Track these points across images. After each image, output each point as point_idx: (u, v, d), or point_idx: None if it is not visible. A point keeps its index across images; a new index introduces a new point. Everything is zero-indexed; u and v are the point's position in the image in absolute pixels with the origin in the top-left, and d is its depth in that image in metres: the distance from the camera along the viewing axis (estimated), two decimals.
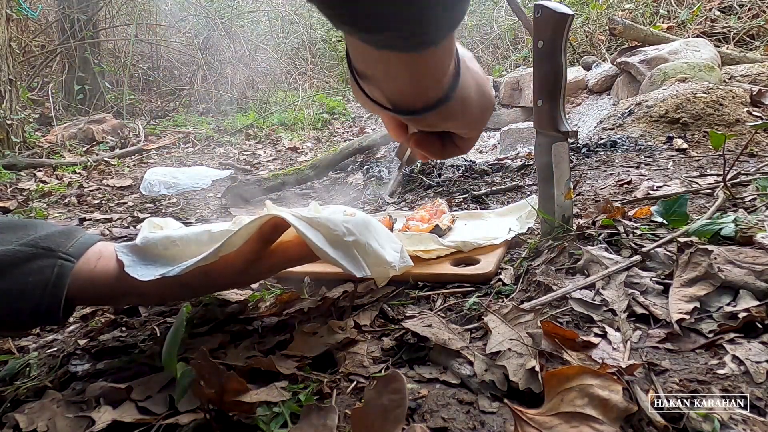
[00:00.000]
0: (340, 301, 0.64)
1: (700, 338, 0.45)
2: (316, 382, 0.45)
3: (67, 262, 0.52)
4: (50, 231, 0.53)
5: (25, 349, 0.64)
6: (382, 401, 0.37)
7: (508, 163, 1.53)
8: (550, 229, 0.72)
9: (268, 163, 2.80)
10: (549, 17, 0.63)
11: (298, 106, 4.43)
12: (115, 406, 0.45)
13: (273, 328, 0.59)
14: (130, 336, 0.64)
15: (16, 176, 2.49)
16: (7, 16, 3.09)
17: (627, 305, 0.51)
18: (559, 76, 0.65)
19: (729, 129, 1.43)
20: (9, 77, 2.95)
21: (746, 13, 3.14)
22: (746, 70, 2.01)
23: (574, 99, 2.67)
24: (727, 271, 0.51)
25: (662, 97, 1.60)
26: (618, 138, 1.51)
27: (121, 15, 5.12)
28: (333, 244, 0.54)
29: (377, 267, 0.59)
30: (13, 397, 0.50)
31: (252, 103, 5.00)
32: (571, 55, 3.31)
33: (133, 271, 0.52)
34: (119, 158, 2.96)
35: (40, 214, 1.74)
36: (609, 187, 1.06)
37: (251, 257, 0.56)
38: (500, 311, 0.51)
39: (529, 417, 0.37)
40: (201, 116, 4.69)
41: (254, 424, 0.40)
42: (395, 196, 0.63)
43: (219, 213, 1.67)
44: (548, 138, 0.68)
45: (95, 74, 4.35)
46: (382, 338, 0.53)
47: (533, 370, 0.42)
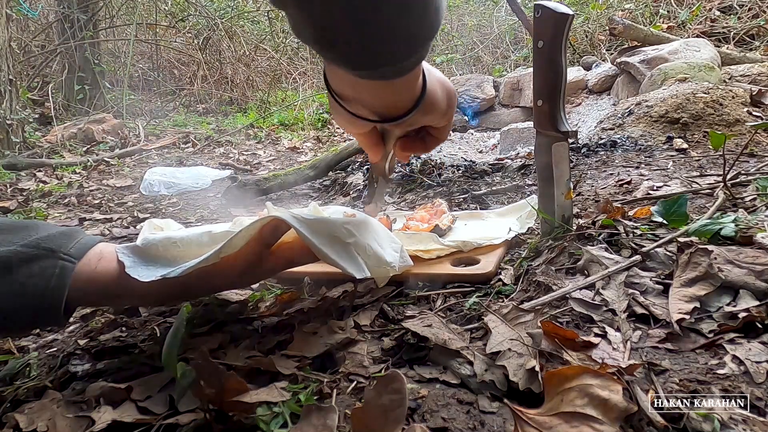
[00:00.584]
0: (340, 301, 0.64)
1: (700, 338, 0.45)
2: (316, 382, 0.45)
3: (68, 263, 0.52)
4: (51, 232, 0.54)
5: (25, 349, 0.64)
6: (382, 401, 0.37)
7: (508, 163, 1.53)
8: (550, 229, 0.72)
9: (268, 163, 2.80)
10: (549, 17, 0.63)
11: (298, 106, 4.43)
12: (115, 406, 0.45)
13: (273, 328, 0.59)
14: (130, 336, 0.64)
15: (16, 176, 2.49)
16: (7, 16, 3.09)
17: (627, 305, 0.51)
18: (559, 76, 0.65)
19: (729, 129, 1.43)
20: (9, 77, 2.95)
21: (746, 13, 3.14)
22: (746, 70, 2.01)
23: (574, 99, 2.67)
24: (727, 271, 0.51)
25: (662, 97, 1.60)
26: (618, 138, 1.51)
27: (121, 15, 5.12)
28: (333, 245, 0.54)
29: (377, 268, 0.59)
30: (13, 397, 0.50)
31: (252, 103, 5.00)
32: (571, 55, 3.31)
33: (134, 272, 0.52)
34: (119, 158, 2.96)
35: (40, 214, 1.74)
36: (609, 187, 1.06)
37: (252, 259, 0.56)
38: (500, 311, 0.51)
39: (529, 417, 0.37)
40: (201, 116, 4.68)
41: (254, 424, 0.40)
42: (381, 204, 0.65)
43: (219, 213, 1.67)
44: (548, 138, 0.68)
45: (95, 74, 4.35)
46: (382, 338, 0.53)
47: (533, 370, 0.42)
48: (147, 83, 5.20)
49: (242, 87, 5.22)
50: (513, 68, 3.95)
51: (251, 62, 5.47)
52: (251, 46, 5.54)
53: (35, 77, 4.49)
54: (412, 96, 0.49)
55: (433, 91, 0.51)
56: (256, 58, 5.62)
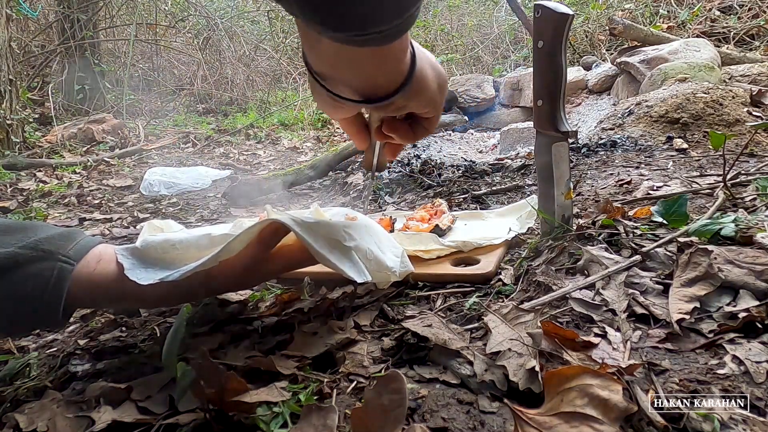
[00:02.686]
0: (340, 301, 0.64)
1: (700, 338, 0.45)
2: (316, 382, 0.45)
3: (67, 265, 0.51)
4: (50, 233, 0.53)
5: (25, 349, 0.64)
6: (382, 401, 0.37)
7: (508, 163, 1.53)
8: (550, 229, 0.72)
9: (268, 163, 2.80)
10: (549, 17, 0.63)
11: (298, 106, 4.43)
12: (115, 406, 0.45)
13: (273, 328, 0.59)
14: (130, 336, 0.64)
15: (16, 176, 2.49)
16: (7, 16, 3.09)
17: (627, 305, 0.51)
18: (559, 76, 0.65)
19: (729, 129, 1.43)
20: (9, 77, 2.95)
21: (746, 13, 3.14)
22: (746, 70, 2.01)
23: (574, 99, 2.67)
24: (727, 271, 0.51)
25: (662, 97, 1.60)
26: (618, 138, 1.51)
27: (121, 15, 5.12)
28: (333, 249, 0.54)
29: (378, 272, 0.59)
30: (13, 397, 0.50)
31: (252, 103, 4.99)
32: (571, 55, 3.31)
33: (133, 275, 0.52)
34: (119, 158, 2.96)
35: (40, 214, 1.74)
36: (609, 187, 1.06)
37: (251, 262, 0.56)
38: (500, 311, 0.51)
39: (529, 417, 0.37)
40: (201, 116, 4.68)
41: (254, 424, 0.40)
42: (372, 204, 0.65)
43: (219, 213, 1.67)
44: (548, 138, 0.68)
45: (95, 74, 4.35)
46: (382, 338, 0.53)
47: (533, 370, 0.42)
48: (147, 83, 5.20)
49: (242, 87, 5.22)
50: (513, 68, 3.95)
51: (251, 62, 5.47)
52: (251, 46, 5.54)
53: (35, 77, 4.48)
54: (398, 73, 0.45)
55: (423, 73, 0.47)
56: (256, 58, 5.62)
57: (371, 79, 0.44)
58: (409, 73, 0.45)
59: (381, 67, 0.43)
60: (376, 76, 0.44)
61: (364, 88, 0.45)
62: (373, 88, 0.45)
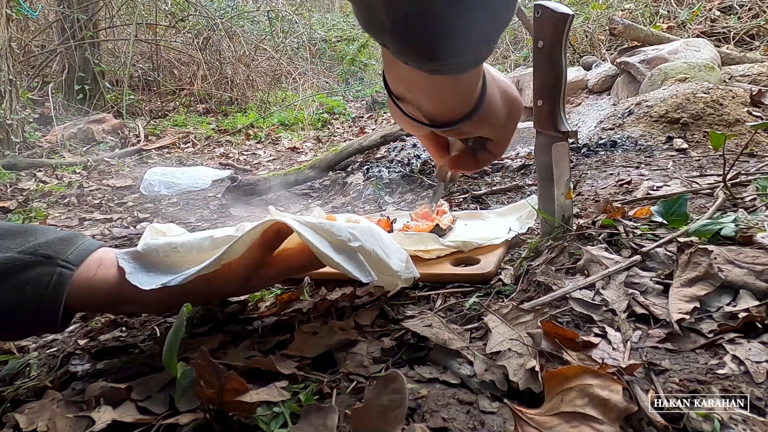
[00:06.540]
0: (340, 301, 0.64)
1: (700, 338, 0.45)
2: (316, 382, 0.45)
3: (66, 270, 0.51)
4: (50, 237, 0.53)
5: (25, 349, 0.64)
6: (382, 401, 0.37)
7: (508, 163, 1.53)
8: (550, 229, 0.72)
9: (268, 163, 2.80)
10: (549, 17, 0.63)
11: (298, 106, 4.43)
12: (115, 406, 0.45)
13: (273, 328, 0.59)
14: (130, 336, 0.64)
15: (16, 176, 2.49)
16: (7, 16, 3.09)
17: (627, 305, 0.51)
18: (559, 76, 0.65)
19: (729, 129, 1.43)
20: (9, 77, 2.95)
21: (746, 13, 3.14)
22: (746, 70, 2.01)
23: (574, 99, 2.67)
24: (727, 271, 0.51)
25: (662, 97, 1.60)
26: (618, 138, 1.51)
27: (121, 15, 5.12)
28: (338, 249, 0.53)
29: (383, 276, 0.58)
30: (13, 397, 0.50)
31: (252, 103, 5.00)
32: (571, 55, 3.31)
33: (135, 279, 0.51)
34: (119, 158, 2.96)
35: (40, 214, 1.74)
36: (609, 187, 1.06)
37: (254, 265, 0.56)
38: (500, 311, 0.51)
39: (529, 417, 0.37)
40: (201, 116, 4.69)
41: (254, 424, 0.40)
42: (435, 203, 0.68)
43: (219, 213, 1.67)
44: (548, 138, 0.68)
45: (95, 74, 4.35)
46: (382, 338, 0.53)
47: (533, 370, 0.42)
48: (147, 83, 5.20)
49: (242, 87, 5.22)
50: (513, 68, 3.95)
51: (251, 62, 5.47)
52: (251, 46, 5.55)
53: (35, 77, 4.49)
54: (468, 100, 0.45)
55: (492, 99, 0.47)
56: (256, 58, 5.62)
57: (441, 104, 0.45)
58: (478, 101, 0.45)
59: (453, 94, 0.44)
60: (447, 102, 0.45)
61: (432, 113, 0.46)
62: (442, 112, 0.46)
